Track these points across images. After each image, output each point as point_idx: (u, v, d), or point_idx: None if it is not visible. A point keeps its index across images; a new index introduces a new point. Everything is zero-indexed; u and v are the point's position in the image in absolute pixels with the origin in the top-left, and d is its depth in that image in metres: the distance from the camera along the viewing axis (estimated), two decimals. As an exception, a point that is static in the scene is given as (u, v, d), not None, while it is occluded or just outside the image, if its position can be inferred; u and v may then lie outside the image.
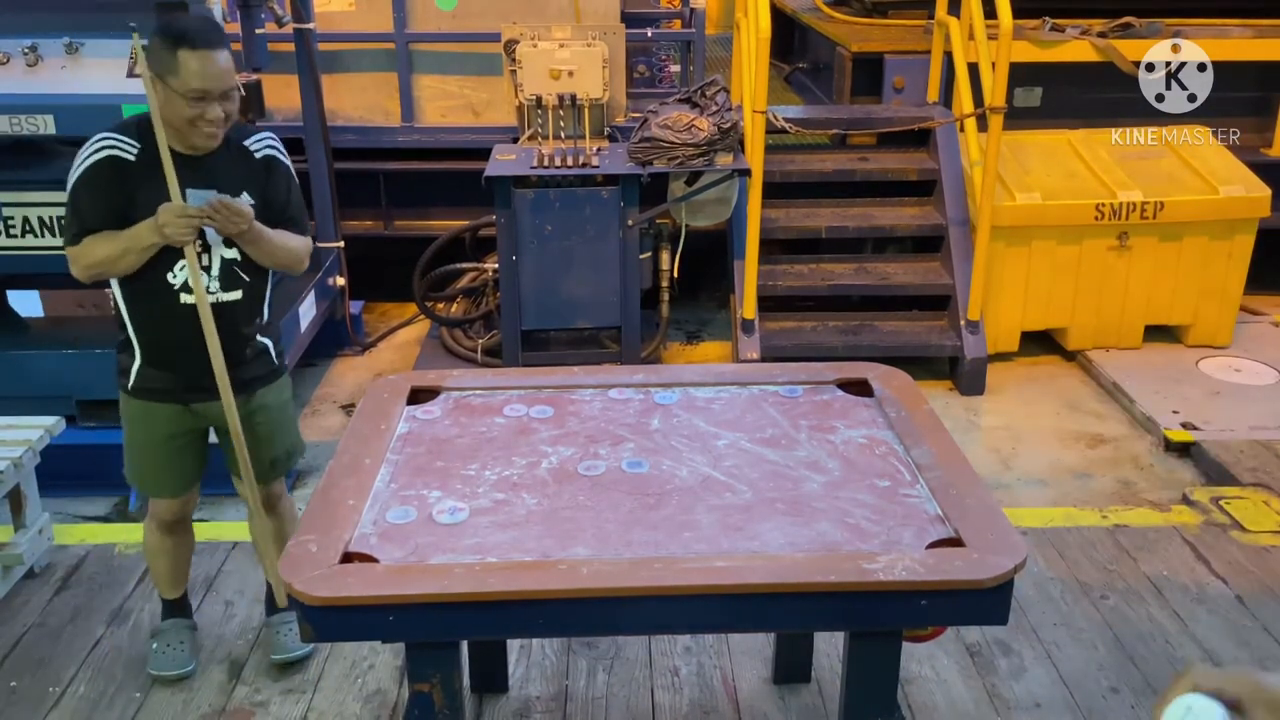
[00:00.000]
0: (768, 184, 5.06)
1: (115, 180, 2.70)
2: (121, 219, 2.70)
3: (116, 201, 2.70)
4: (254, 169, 2.84)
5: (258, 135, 2.88)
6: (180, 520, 3.14)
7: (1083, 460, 4.57)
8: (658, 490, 2.42)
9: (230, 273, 2.83)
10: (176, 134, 2.70)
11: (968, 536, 2.21)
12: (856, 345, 5.13)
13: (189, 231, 2.66)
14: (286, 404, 3.15)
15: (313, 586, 2.07)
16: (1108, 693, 3.13)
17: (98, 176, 2.70)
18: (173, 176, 2.66)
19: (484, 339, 5.37)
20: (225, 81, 2.65)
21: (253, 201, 2.80)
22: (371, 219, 6.05)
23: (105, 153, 2.70)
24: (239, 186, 2.79)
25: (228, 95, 2.68)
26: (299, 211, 2.96)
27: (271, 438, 3.08)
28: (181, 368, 2.87)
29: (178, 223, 2.64)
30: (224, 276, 2.83)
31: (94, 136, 2.74)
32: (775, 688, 3.14)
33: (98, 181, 2.70)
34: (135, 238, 2.68)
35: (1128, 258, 5.29)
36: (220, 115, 2.67)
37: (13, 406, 3.85)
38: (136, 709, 3.06)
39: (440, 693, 2.23)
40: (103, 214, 2.70)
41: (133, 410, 2.96)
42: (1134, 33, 5.82)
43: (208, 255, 2.79)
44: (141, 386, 2.91)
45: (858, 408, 2.81)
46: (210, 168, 2.76)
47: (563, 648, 3.29)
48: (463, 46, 5.73)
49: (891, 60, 6.00)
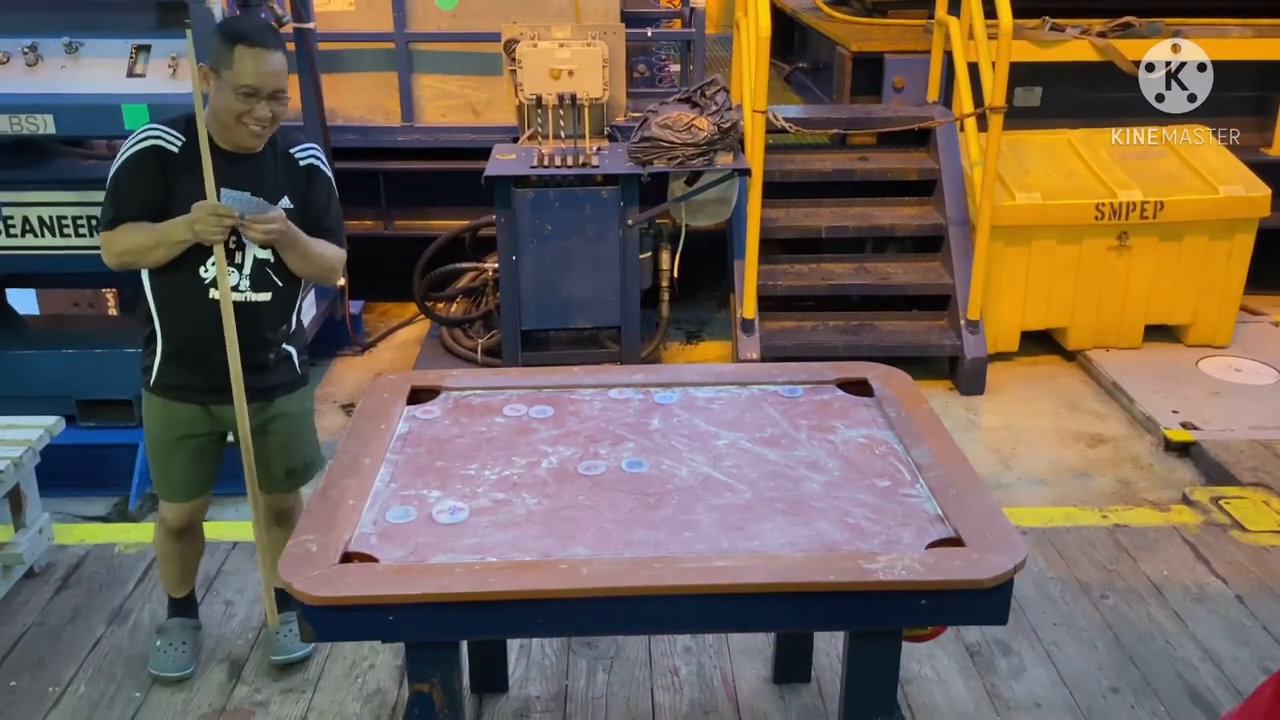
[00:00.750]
0: (768, 184, 5.06)
1: (157, 171, 2.73)
2: (158, 211, 2.73)
3: (156, 192, 2.73)
4: (296, 176, 2.87)
5: (303, 145, 2.92)
6: (187, 527, 3.12)
7: (1083, 460, 4.57)
8: (658, 490, 2.42)
9: (262, 274, 2.84)
10: (223, 131, 2.73)
11: (968, 536, 2.21)
12: (856, 345, 5.13)
13: (220, 231, 2.68)
14: (307, 414, 3.14)
15: (313, 586, 2.07)
16: (1108, 693, 3.13)
17: (140, 165, 2.72)
18: (210, 174, 2.68)
19: (484, 339, 5.37)
20: (276, 82, 2.70)
21: (290, 205, 2.81)
22: (371, 219, 6.05)
23: (150, 143, 2.73)
24: (279, 191, 2.81)
25: (277, 97, 2.71)
26: (336, 223, 2.97)
27: (288, 447, 3.06)
28: (204, 366, 2.86)
29: (209, 220, 2.67)
30: (255, 277, 2.84)
31: (143, 127, 2.78)
32: (775, 688, 3.14)
33: (140, 170, 2.73)
34: (168, 232, 2.71)
35: (1128, 257, 5.29)
36: (268, 115, 2.70)
37: (13, 406, 3.85)
38: (136, 709, 3.06)
39: (440, 693, 2.23)
40: (141, 203, 2.74)
41: (152, 407, 2.96)
42: (1134, 32, 5.82)
43: (241, 254, 2.80)
44: (162, 383, 2.91)
45: (858, 408, 2.81)
46: (254, 169, 2.79)
47: (563, 648, 3.29)
48: (463, 46, 5.73)
49: (891, 60, 6.00)
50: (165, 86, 3.96)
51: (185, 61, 3.94)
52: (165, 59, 3.97)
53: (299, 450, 3.10)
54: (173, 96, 3.94)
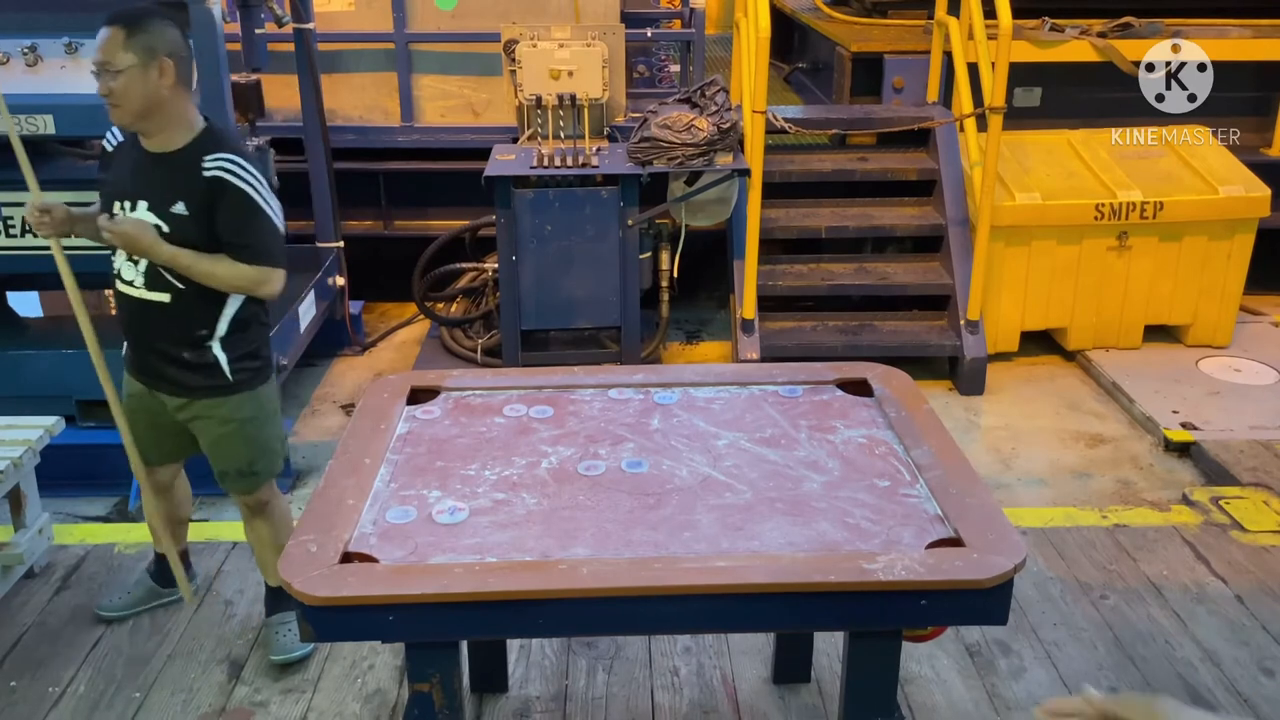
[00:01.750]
0: (767, 184, 5.06)
1: (103, 167, 2.99)
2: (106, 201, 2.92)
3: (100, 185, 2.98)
4: (195, 185, 2.78)
5: (218, 155, 2.80)
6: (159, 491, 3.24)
7: (1082, 460, 4.57)
8: (658, 490, 2.42)
9: (155, 274, 2.85)
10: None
11: (967, 536, 2.21)
12: (856, 345, 5.13)
13: (43, 228, 2.88)
14: (241, 423, 3.03)
15: (313, 586, 2.07)
16: (1108, 693, 3.12)
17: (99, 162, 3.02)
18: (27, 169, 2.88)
19: (484, 339, 5.37)
20: (101, 55, 2.72)
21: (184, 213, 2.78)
22: (371, 219, 6.05)
23: (102, 142, 3.02)
24: (172, 197, 2.79)
25: (108, 70, 2.71)
26: (253, 239, 2.82)
27: (215, 450, 3.08)
28: (130, 348, 3.04)
29: (30, 217, 2.87)
30: (149, 276, 2.86)
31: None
32: (775, 688, 3.14)
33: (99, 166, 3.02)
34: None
35: (1127, 258, 5.29)
36: (105, 90, 2.74)
37: (13, 406, 3.85)
38: (136, 709, 3.06)
39: (440, 693, 2.23)
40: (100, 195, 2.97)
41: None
42: (1134, 33, 5.82)
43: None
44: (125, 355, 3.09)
45: (857, 408, 2.81)
46: (162, 169, 2.82)
47: (563, 648, 3.29)
48: (462, 46, 5.73)
49: (891, 60, 6.00)
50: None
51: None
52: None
53: (228, 456, 3.07)
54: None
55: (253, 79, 4.62)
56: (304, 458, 4.48)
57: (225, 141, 2.87)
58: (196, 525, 3.92)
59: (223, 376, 2.97)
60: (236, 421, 3.03)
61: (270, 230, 2.86)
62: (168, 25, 2.79)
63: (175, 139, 2.82)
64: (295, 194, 5.19)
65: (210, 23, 3.75)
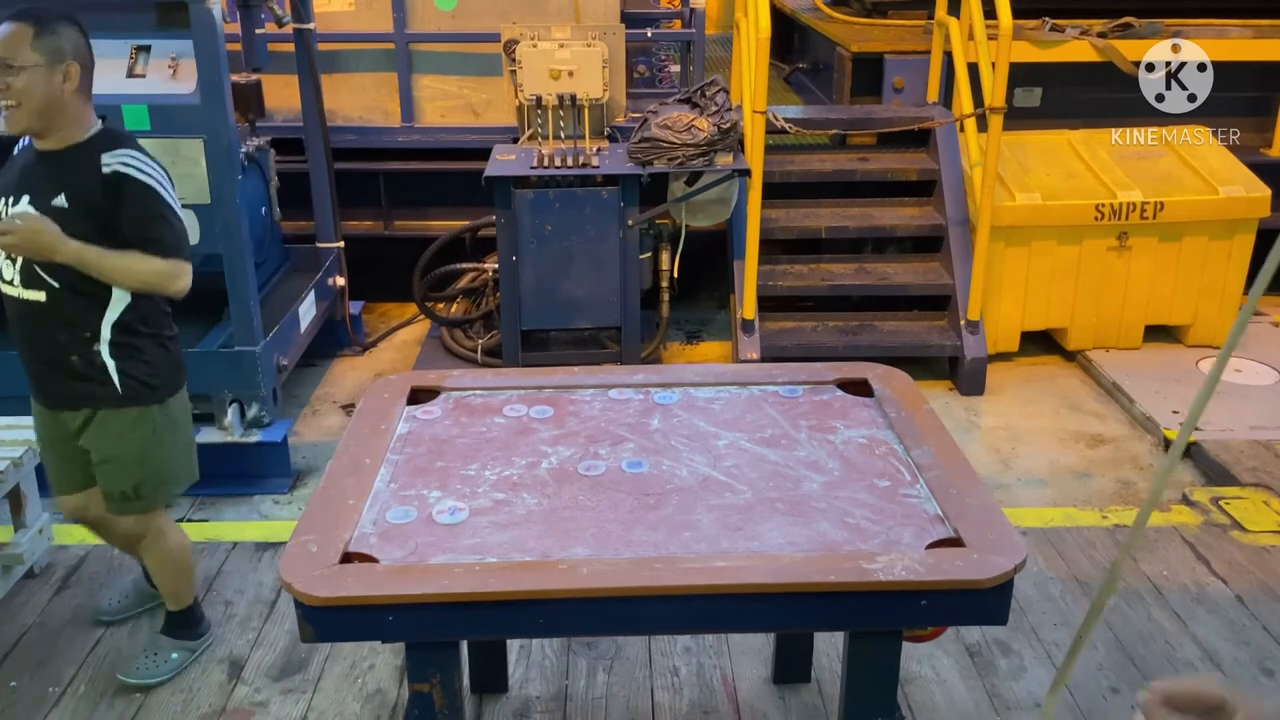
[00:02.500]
0: (768, 184, 5.05)
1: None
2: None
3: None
4: (91, 183, 2.73)
5: (119, 152, 2.76)
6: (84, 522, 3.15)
7: (1082, 460, 4.57)
8: (658, 490, 2.42)
9: (29, 272, 2.76)
10: None
11: (968, 536, 2.21)
12: (856, 345, 5.13)
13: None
14: (129, 440, 2.91)
15: (313, 586, 2.07)
16: (1108, 693, 3.13)
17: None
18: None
19: (484, 339, 5.37)
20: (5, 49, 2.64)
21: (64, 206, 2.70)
22: (371, 219, 6.04)
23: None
24: (54, 190, 2.73)
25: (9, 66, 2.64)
26: (163, 232, 2.77)
27: (100, 469, 2.95)
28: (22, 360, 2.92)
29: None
30: (24, 274, 2.77)
31: None
32: (775, 688, 3.14)
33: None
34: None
35: (1127, 258, 5.29)
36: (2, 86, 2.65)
37: (13, 406, 3.84)
38: (136, 709, 3.06)
39: (440, 693, 2.23)
40: None
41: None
42: (1134, 33, 5.82)
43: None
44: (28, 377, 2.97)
45: (858, 408, 2.81)
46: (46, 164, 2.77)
47: (563, 648, 3.29)
48: (462, 47, 5.73)
49: (891, 60, 6.00)
50: (165, 87, 3.96)
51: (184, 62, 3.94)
52: (165, 59, 3.97)
53: (112, 476, 2.95)
54: (173, 97, 3.94)
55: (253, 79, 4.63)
56: (304, 458, 4.48)
57: (124, 139, 2.84)
58: (197, 525, 3.92)
59: (111, 386, 2.86)
60: (126, 439, 2.91)
61: (178, 224, 2.82)
62: (76, 30, 2.74)
63: (69, 138, 2.77)
64: (295, 194, 5.20)
65: (210, 23, 3.75)
